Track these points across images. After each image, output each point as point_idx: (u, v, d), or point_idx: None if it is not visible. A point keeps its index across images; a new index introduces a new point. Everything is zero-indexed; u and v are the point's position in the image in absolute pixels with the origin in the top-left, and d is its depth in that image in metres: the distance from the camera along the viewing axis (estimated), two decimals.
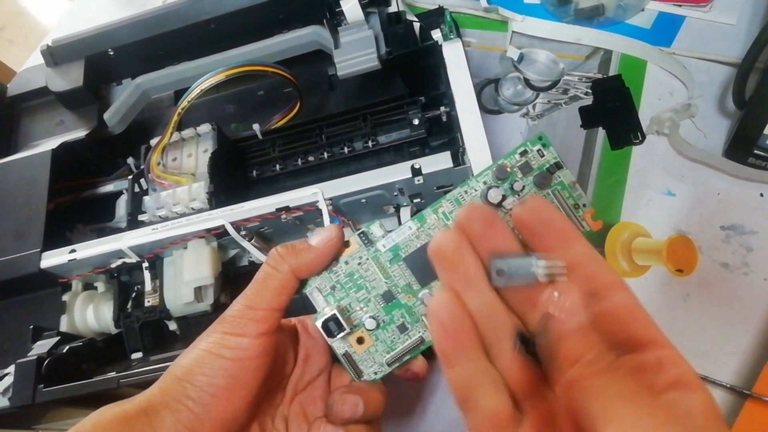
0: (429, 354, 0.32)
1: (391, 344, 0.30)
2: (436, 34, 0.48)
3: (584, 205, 0.29)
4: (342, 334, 0.29)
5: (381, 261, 0.30)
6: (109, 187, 0.54)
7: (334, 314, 0.29)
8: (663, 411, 0.19)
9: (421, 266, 0.29)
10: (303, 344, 0.33)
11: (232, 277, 0.46)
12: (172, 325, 0.47)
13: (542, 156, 0.29)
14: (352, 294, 0.30)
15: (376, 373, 0.30)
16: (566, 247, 0.24)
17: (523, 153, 0.29)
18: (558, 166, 0.29)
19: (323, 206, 0.42)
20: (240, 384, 0.28)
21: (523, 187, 0.28)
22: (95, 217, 0.54)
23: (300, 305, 0.36)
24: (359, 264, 0.30)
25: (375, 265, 0.30)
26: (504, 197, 0.28)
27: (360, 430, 0.30)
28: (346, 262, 0.30)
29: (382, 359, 0.30)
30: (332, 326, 0.29)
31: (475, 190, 0.29)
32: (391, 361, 0.30)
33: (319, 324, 0.29)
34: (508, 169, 0.29)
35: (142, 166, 0.50)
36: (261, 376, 0.29)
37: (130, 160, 0.52)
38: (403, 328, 0.30)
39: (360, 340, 0.30)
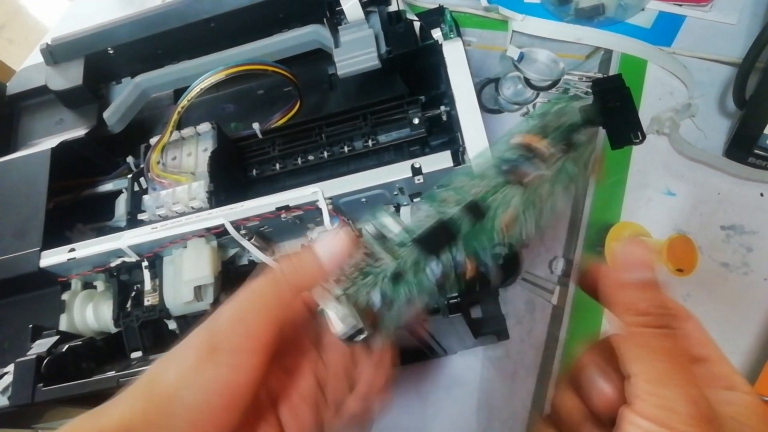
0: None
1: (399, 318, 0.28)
2: (437, 34, 0.48)
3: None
4: (362, 336, 0.27)
5: (393, 249, 0.27)
6: (108, 186, 0.54)
7: (356, 326, 0.26)
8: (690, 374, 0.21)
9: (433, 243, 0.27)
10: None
11: (232, 276, 0.46)
12: (172, 325, 0.47)
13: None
14: (359, 282, 0.27)
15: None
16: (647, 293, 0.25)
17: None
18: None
19: (323, 205, 0.42)
20: (233, 402, 0.26)
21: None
22: (95, 216, 0.54)
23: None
24: (370, 265, 0.27)
25: (387, 255, 0.27)
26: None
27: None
28: (358, 265, 0.27)
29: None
30: (355, 336, 0.27)
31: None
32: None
33: (341, 337, 0.27)
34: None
35: (141, 165, 0.50)
36: (253, 392, 0.26)
37: (130, 159, 0.52)
38: (410, 303, 0.27)
39: (373, 324, 0.27)
